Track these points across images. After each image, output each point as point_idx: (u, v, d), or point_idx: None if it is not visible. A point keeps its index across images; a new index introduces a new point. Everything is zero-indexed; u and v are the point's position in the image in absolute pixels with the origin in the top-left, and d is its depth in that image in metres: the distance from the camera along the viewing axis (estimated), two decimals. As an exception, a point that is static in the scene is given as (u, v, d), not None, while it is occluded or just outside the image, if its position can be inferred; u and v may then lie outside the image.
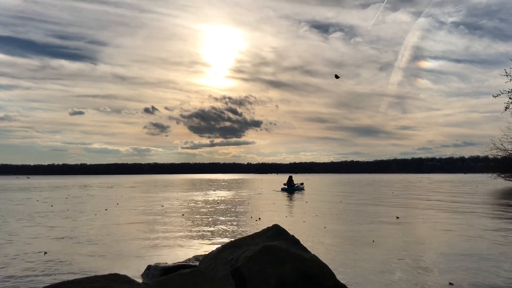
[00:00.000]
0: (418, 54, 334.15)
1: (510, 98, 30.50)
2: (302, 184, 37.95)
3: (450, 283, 6.09)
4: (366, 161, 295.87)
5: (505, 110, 31.20)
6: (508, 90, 30.21)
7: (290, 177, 35.87)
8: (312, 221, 13.59)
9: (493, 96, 31.00)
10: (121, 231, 11.75)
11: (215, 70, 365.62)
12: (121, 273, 5.52)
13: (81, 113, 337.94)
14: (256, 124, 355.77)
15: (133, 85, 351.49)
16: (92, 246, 9.45)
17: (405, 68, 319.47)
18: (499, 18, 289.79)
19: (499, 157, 41.17)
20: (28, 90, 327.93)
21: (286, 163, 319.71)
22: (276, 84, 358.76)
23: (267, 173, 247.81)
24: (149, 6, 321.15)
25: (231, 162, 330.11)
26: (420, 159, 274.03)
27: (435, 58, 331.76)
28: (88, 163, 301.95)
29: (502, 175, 43.30)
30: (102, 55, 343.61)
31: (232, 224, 13.02)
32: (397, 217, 14.32)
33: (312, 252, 5.57)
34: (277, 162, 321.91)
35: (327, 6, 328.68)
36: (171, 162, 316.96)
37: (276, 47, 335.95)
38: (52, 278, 6.60)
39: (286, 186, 34.95)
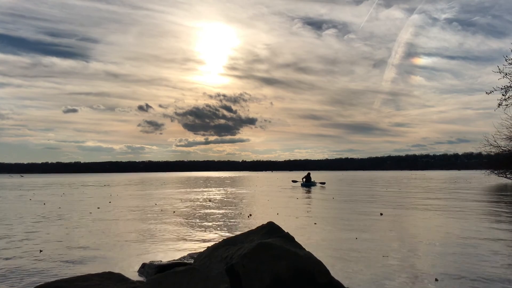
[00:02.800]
0: (411, 51, 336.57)
1: (503, 95, 30.63)
2: (322, 183, 40.04)
3: (436, 279, 6.11)
4: (361, 158, 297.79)
5: (498, 106, 31.31)
6: (501, 86, 30.35)
7: (309, 174, 39.83)
8: (304, 218, 13.61)
9: (487, 93, 31.11)
10: (115, 229, 11.70)
11: (208, 68, 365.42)
12: (115, 271, 5.50)
13: (74, 110, 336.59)
14: (251, 121, 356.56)
15: (126, 83, 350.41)
16: (86, 244, 9.39)
17: (398, 65, 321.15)
18: (492, 14, 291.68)
19: (492, 153, 41.44)
20: (19, 88, 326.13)
21: (281, 160, 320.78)
22: (270, 81, 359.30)
23: (262, 170, 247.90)
24: (141, 2, 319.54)
25: (226, 159, 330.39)
26: (414, 156, 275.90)
27: (429, 54, 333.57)
28: (82, 161, 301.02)
29: (496, 172, 43.54)
30: (94, 52, 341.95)
31: (226, 221, 13.01)
32: (381, 214, 14.38)
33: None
34: (272, 160, 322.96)
35: (320, 2, 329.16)
36: (165, 160, 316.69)
37: (270, 44, 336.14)
38: (46, 276, 6.55)
39: (303, 182, 39.16)
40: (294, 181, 43.87)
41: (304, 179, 39.18)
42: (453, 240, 9.28)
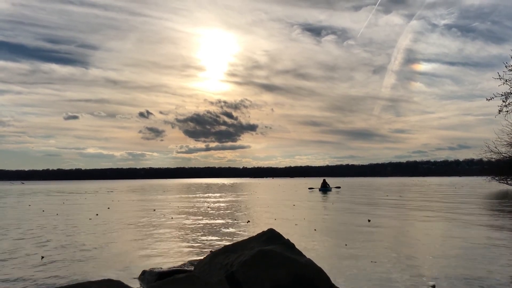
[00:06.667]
0: (411, 57, 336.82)
1: (503, 101, 30.64)
2: (338, 187, 47.24)
3: (433, 286, 6.09)
4: (361, 165, 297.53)
5: (499, 113, 31.30)
6: (501, 93, 30.37)
7: (324, 180, 44.74)
8: (304, 225, 13.57)
9: (487, 99, 31.12)
10: (115, 236, 11.68)
11: (208, 74, 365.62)
12: (115, 278, 5.48)
13: (75, 117, 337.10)
14: (252, 128, 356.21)
15: (125, 89, 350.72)
16: (86, 251, 9.37)
17: (398, 71, 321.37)
18: (491, 20, 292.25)
19: (493, 160, 41.48)
20: (19, 94, 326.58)
21: (281, 167, 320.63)
22: (269, 88, 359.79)
23: (263, 177, 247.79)
24: (139, 9, 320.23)
25: (227, 166, 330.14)
26: (415, 162, 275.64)
27: (428, 61, 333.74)
28: (83, 168, 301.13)
29: (497, 178, 43.52)
30: (93, 59, 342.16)
31: (226, 228, 12.97)
32: (369, 220, 14.31)
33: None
34: (272, 166, 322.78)
35: (319, 8, 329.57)
36: (166, 166, 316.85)
37: (269, 50, 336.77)
38: (45, 284, 6.53)
39: (320, 187, 43.77)
40: (310, 188, 47.00)
41: (323, 185, 44.15)
42: (452, 246, 9.23)
